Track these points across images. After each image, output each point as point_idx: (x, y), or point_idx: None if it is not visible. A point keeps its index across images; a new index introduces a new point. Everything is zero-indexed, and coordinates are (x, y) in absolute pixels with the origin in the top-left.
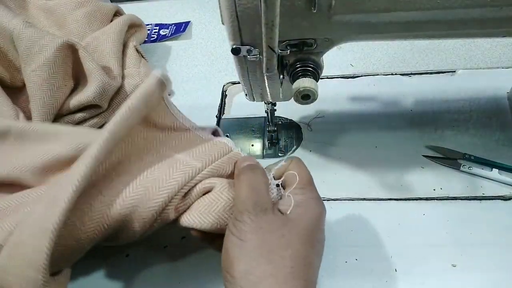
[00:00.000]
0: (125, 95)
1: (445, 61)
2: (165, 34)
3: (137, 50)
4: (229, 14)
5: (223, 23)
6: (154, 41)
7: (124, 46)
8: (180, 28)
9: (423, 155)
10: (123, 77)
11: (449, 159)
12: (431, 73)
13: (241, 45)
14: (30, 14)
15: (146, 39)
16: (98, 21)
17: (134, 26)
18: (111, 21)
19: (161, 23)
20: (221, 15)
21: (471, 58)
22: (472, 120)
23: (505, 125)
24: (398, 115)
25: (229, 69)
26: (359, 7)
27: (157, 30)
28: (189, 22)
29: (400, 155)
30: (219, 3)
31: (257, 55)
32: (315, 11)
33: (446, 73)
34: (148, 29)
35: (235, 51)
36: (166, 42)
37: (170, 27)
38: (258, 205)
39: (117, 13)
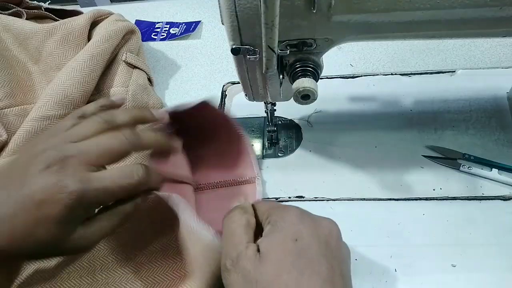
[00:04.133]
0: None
1: (445, 61)
2: (175, 33)
3: (127, 63)
4: (229, 14)
5: (223, 23)
6: (164, 39)
7: (113, 61)
8: (190, 28)
9: (423, 155)
10: (107, 96)
11: (449, 159)
12: (431, 73)
13: (241, 45)
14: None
15: (155, 37)
16: (72, 47)
17: (125, 35)
18: (91, 30)
19: (172, 22)
20: (221, 15)
21: (471, 58)
22: (472, 120)
23: (505, 125)
24: (398, 115)
25: (229, 69)
26: (359, 7)
27: (167, 29)
28: (199, 22)
29: (400, 155)
30: (219, 3)
31: (257, 55)
32: (315, 11)
33: (446, 73)
34: (159, 27)
35: (235, 51)
36: (172, 42)
37: (180, 26)
38: (231, 253)
39: (97, 21)
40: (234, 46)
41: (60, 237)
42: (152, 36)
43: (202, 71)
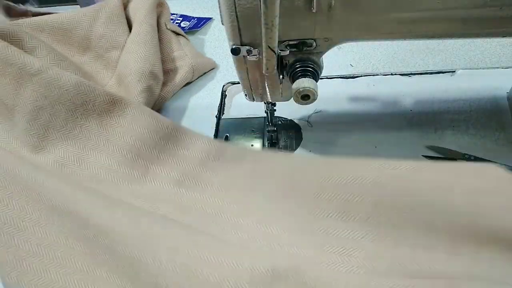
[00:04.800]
0: (182, 75)
1: (445, 61)
2: (185, 27)
3: (172, 31)
4: (229, 14)
5: (223, 24)
6: None
7: (158, 31)
8: (199, 23)
9: (423, 155)
10: (172, 61)
11: (449, 159)
12: (431, 73)
13: (241, 45)
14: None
15: None
16: (119, 25)
17: (158, 6)
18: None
19: (186, 15)
20: (221, 16)
21: (471, 58)
22: (472, 120)
23: (505, 125)
24: (398, 115)
25: (229, 69)
26: (359, 7)
27: (179, 22)
28: (210, 18)
29: (400, 155)
30: (219, 4)
31: (256, 55)
32: (315, 11)
33: (446, 73)
34: (172, 19)
35: (235, 51)
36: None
37: (191, 20)
38: None
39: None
40: (234, 46)
41: None
42: None
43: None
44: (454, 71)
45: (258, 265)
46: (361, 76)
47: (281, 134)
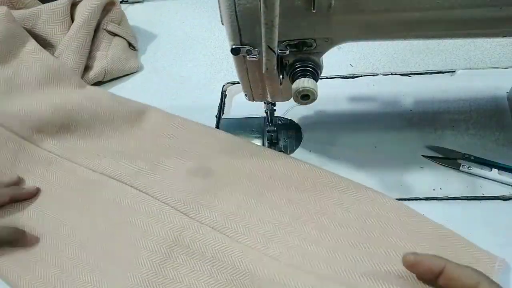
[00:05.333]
0: (92, 75)
1: (445, 61)
2: None
3: (108, 31)
4: (229, 14)
5: (222, 23)
6: None
7: (97, 30)
8: None
9: (423, 155)
10: (93, 58)
11: (449, 159)
12: (430, 73)
13: (241, 45)
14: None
15: None
16: (58, 24)
17: (106, 7)
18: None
19: None
20: (221, 15)
21: (471, 58)
22: (472, 120)
23: (504, 125)
24: (397, 115)
25: (229, 69)
26: (359, 7)
27: None
28: None
29: (400, 155)
30: (219, 3)
31: (256, 55)
32: (314, 11)
33: (446, 73)
34: None
35: (234, 51)
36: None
37: None
38: None
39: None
40: (234, 46)
41: None
42: None
43: (202, 71)
44: (454, 71)
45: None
46: (361, 76)
47: (281, 134)
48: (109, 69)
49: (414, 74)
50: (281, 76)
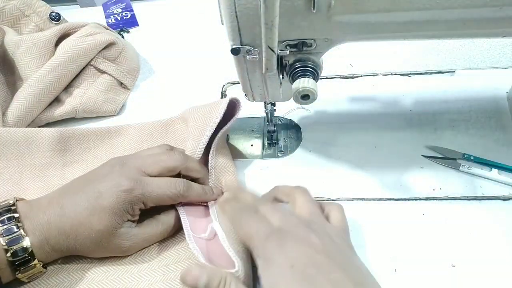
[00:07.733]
0: (61, 111)
1: (445, 61)
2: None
3: (95, 68)
4: (229, 14)
5: (222, 24)
6: None
7: (86, 65)
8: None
9: (423, 155)
10: (69, 94)
11: (449, 159)
12: (430, 73)
13: (241, 45)
14: None
15: None
16: (36, 57)
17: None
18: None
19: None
20: (221, 15)
21: (470, 58)
22: (472, 120)
23: (504, 125)
24: (397, 115)
25: (229, 69)
26: (359, 7)
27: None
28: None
29: (400, 155)
30: (219, 3)
31: (256, 55)
32: (314, 11)
33: (446, 73)
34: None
35: (234, 51)
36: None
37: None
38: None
39: (69, 33)
40: (234, 46)
41: (109, 226)
42: None
43: (202, 71)
44: (454, 71)
45: None
46: (361, 76)
47: (281, 134)
48: (81, 109)
49: (414, 74)
50: (281, 76)
